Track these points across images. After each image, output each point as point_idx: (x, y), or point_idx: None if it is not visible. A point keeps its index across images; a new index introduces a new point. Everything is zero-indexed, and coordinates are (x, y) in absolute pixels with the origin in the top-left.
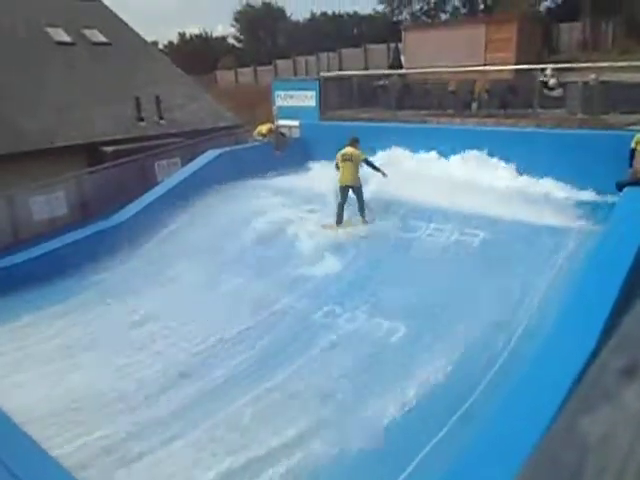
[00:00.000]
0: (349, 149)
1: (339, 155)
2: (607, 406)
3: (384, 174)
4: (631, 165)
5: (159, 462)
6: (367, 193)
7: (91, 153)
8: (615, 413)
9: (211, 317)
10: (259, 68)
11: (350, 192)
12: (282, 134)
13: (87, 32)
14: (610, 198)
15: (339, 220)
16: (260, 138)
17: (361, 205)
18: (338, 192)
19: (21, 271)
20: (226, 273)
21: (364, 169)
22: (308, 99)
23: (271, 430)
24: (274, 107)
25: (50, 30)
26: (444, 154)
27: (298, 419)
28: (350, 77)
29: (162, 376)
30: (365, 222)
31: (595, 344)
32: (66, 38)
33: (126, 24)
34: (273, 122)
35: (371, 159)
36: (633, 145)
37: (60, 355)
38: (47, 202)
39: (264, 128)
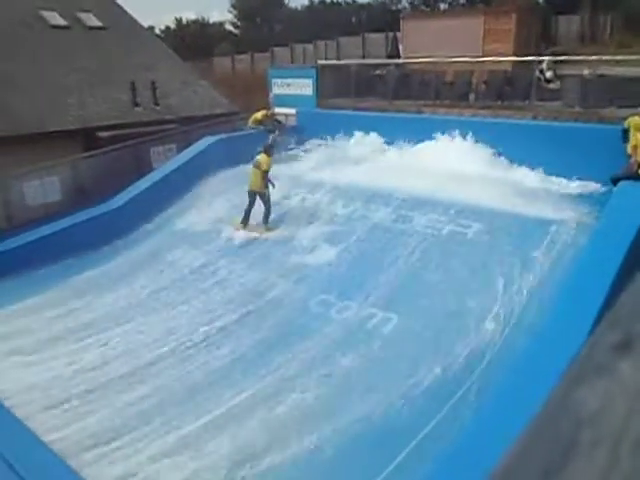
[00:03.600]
0: (260, 157)
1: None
2: (602, 379)
3: (273, 185)
4: (625, 141)
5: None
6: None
7: (86, 138)
8: (610, 386)
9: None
10: (256, 55)
11: (257, 197)
12: (278, 121)
13: (83, 16)
14: (605, 192)
15: (244, 221)
16: (255, 126)
17: (266, 212)
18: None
19: (15, 256)
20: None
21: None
22: (305, 87)
23: None
24: (270, 95)
25: (45, 14)
26: (439, 144)
27: None
28: (348, 66)
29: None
30: (268, 229)
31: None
32: (61, 22)
33: (122, 8)
34: (269, 109)
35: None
36: (626, 125)
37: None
38: (41, 187)
39: (259, 114)
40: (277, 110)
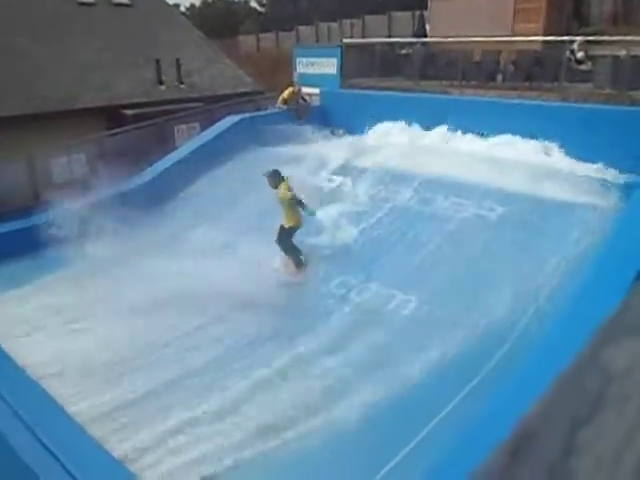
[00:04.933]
0: (277, 191)
1: None
2: (631, 339)
3: (313, 213)
4: None
5: None
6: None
7: (111, 116)
8: (639, 346)
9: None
10: (281, 34)
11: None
12: (304, 99)
13: None
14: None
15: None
16: (282, 106)
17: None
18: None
19: (41, 232)
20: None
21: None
22: (329, 66)
23: None
24: (295, 74)
25: None
26: (464, 128)
27: None
28: (373, 45)
29: None
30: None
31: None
32: None
33: None
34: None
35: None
36: None
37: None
38: (67, 164)
39: (286, 92)
40: (303, 89)
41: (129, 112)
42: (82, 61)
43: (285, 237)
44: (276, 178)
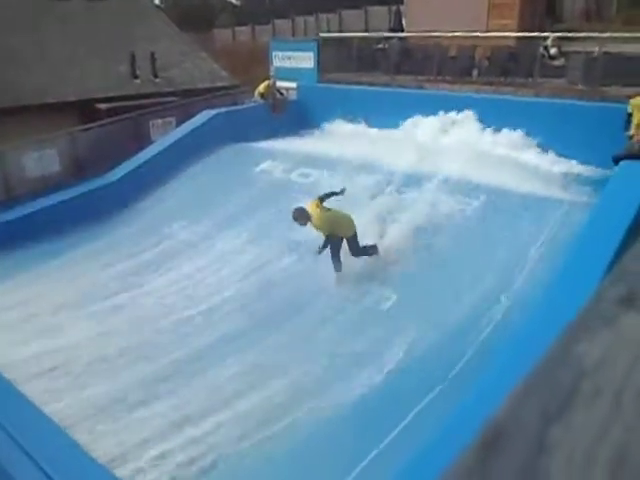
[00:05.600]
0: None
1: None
2: (605, 331)
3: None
4: (627, 129)
5: None
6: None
7: (85, 110)
8: (613, 338)
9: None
10: (257, 27)
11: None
12: (280, 93)
13: None
14: (607, 171)
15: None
16: (259, 99)
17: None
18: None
19: (11, 229)
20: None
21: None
22: (306, 60)
23: None
24: (271, 68)
25: None
26: (441, 121)
27: None
28: (350, 39)
29: None
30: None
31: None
32: None
33: None
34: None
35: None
36: (630, 110)
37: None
38: (40, 159)
39: (262, 86)
40: (279, 83)
41: (103, 106)
42: (56, 55)
43: (356, 246)
44: (304, 214)
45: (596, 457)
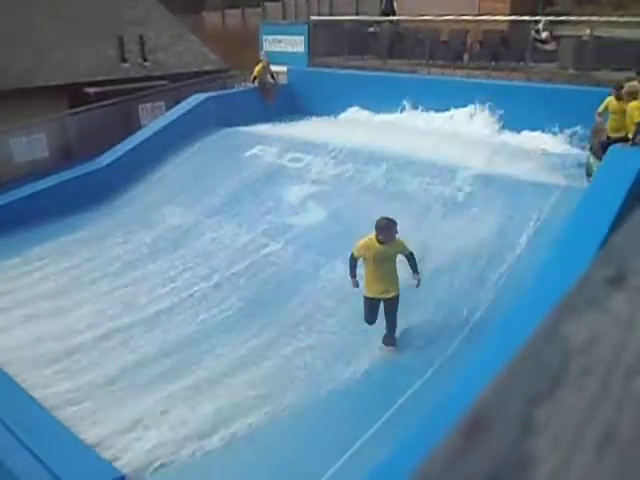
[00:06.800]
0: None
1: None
2: (593, 311)
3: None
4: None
5: None
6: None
7: (73, 94)
8: (601, 317)
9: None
10: (247, 10)
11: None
12: (272, 76)
13: None
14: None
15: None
16: (256, 84)
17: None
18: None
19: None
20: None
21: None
22: (297, 44)
23: None
24: (262, 52)
25: None
26: (431, 106)
27: None
28: (341, 22)
29: None
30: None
31: None
32: None
33: None
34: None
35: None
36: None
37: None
38: (28, 144)
39: (256, 70)
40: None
41: (91, 90)
42: (43, 37)
43: (395, 309)
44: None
45: (584, 437)
